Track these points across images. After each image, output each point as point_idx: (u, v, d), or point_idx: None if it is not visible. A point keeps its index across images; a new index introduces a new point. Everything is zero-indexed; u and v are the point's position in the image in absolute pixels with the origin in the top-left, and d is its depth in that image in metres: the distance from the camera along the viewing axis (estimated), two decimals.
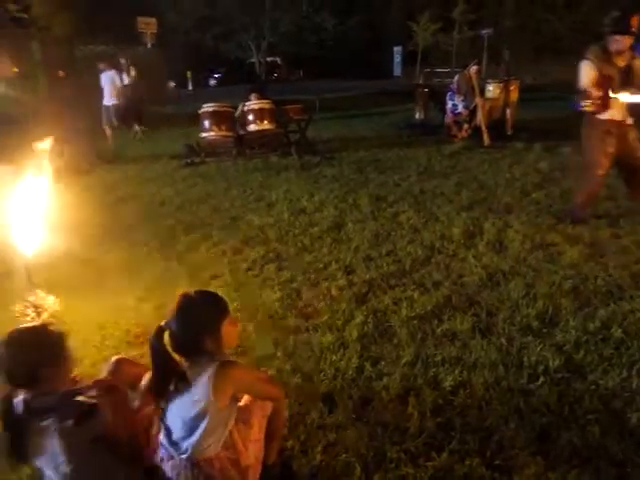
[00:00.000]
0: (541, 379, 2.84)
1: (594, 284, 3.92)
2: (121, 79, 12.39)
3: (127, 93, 12.45)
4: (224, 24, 21.79)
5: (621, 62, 4.72)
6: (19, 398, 1.93)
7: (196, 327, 2.00)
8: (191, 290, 2.08)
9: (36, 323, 2.44)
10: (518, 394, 2.74)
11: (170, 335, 1.99)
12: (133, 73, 12.87)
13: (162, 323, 2.00)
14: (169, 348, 2.00)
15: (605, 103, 4.79)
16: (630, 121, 4.95)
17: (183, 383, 1.97)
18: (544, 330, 3.32)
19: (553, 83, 23.50)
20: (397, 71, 35.64)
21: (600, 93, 4.71)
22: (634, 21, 4.59)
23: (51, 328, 2.06)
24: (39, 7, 9.06)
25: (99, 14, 19.08)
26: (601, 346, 3.12)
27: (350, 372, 2.97)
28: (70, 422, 1.90)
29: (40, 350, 1.96)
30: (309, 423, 2.60)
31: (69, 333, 2.10)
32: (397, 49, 35.79)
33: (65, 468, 1.91)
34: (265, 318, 3.65)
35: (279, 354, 3.18)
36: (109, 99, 12.18)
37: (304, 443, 2.48)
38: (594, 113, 4.85)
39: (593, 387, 2.76)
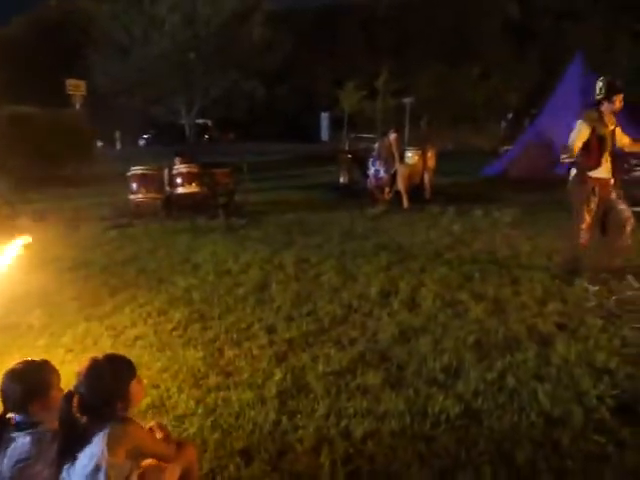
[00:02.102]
0: (442, 426, 3.10)
1: (495, 337, 4.29)
2: None
3: None
4: (154, 88, 22.16)
5: (611, 125, 5.37)
6: None
7: (106, 392, 2.10)
8: (99, 355, 2.19)
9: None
10: (421, 441, 2.98)
11: (79, 399, 2.08)
12: None
13: (71, 388, 2.12)
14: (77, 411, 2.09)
15: (598, 162, 5.37)
16: (612, 180, 5.53)
17: (85, 442, 2.07)
18: (448, 381, 3.61)
19: (469, 150, 25.15)
20: (324, 136, 37.04)
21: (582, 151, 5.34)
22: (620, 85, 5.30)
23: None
24: None
25: (29, 77, 19.08)
26: (496, 394, 3.43)
27: (267, 426, 3.14)
28: None
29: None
30: (226, 477, 2.73)
31: None
32: (324, 115, 37.33)
33: None
34: (188, 377, 3.76)
35: (200, 411, 3.30)
36: None
37: None
38: (582, 169, 5.44)
39: (487, 432, 3.05)
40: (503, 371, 3.70)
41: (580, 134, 5.39)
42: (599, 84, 5.40)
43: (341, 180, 13.33)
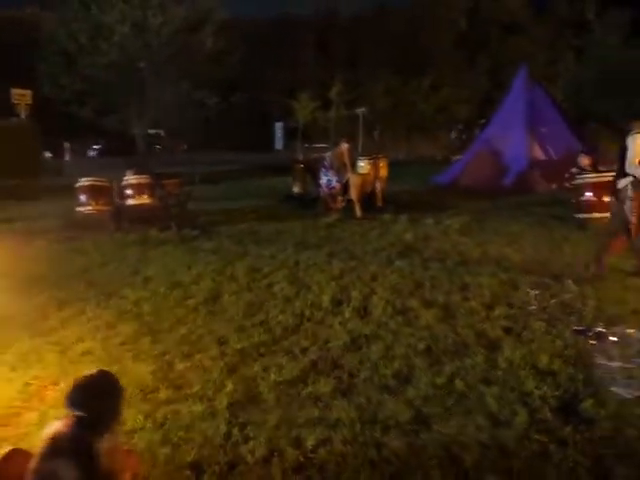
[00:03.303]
0: (393, 432, 3.14)
1: (444, 343, 4.37)
2: None
3: None
4: (104, 98, 21.75)
5: None
6: None
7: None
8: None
9: None
10: (372, 447, 3.01)
11: None
12: None
13: None
14: None
15: None
16: None
17: None
18: (398, 387, 3.66)
19: (421, 159, 25.63)
20: (279, 145, 37.14)
21: None
22: None
23: None
24: None
25: None
26: (446, 399, 3.50)
27: (218, 438, 3.11)
28: None
29: None
30: None
31: None
32: (278, 124, 37.45)
33: None
34: (137, 391, 3.69)
35: (149, 426, 3.24)
36: None
37: None
38: None
39: (436, 435, 3.11)
40: (452, 376, 3.78)
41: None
42: None
43: (294, 190, 13.37)
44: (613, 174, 9.14)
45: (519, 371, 3.81)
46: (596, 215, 8.78)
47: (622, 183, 5.93)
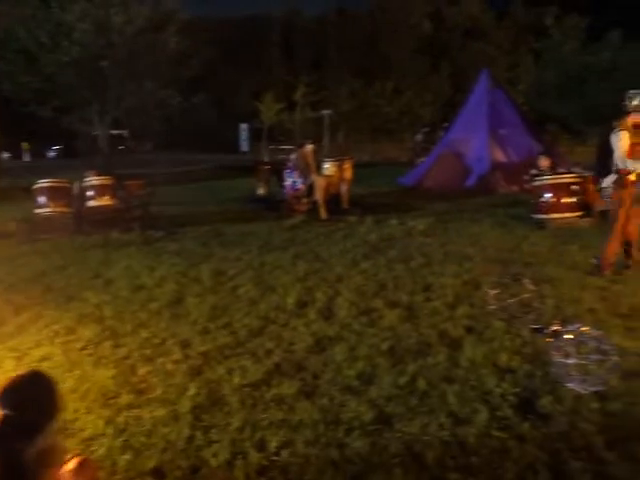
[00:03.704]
0: (356, 432, 3.16)
1: (407, 343, 4.42)
2: None
3: None
4: (64, 97, 21.26)
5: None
6: None
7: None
8: None
9: None
10: (335, 448, 3.02)
11: None
12: None
13: None
14: None
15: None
16: None
17: None
18: (362, 388, 3.69)
19: (386, 161, 25.84)
20: (244, 147, 36.94)
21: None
22: None
23: None
24: None
25: None
26: (408, 398, 3.54)
27: (181, 443, 3.08)
28: None
29: None
30: None
31: None
32: (244, 126, 37.25)
33: None
34: (98, 397, 3.63)
35: (109, 432, 3.19)
36: None
37: None
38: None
39: (399, 435, 3.14)
40: (415, 375, 3.82)
41: (624, 142, 5.86)
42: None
43: (259, 191, 13.33)
44: (573, 175, 9.44)
45: (480, 369, 3.88)
46: (554, 216, 9.02)
47: (607, 182, 6.11)
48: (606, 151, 6.10)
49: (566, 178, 9.36)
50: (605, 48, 23.72)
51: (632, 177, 5.89)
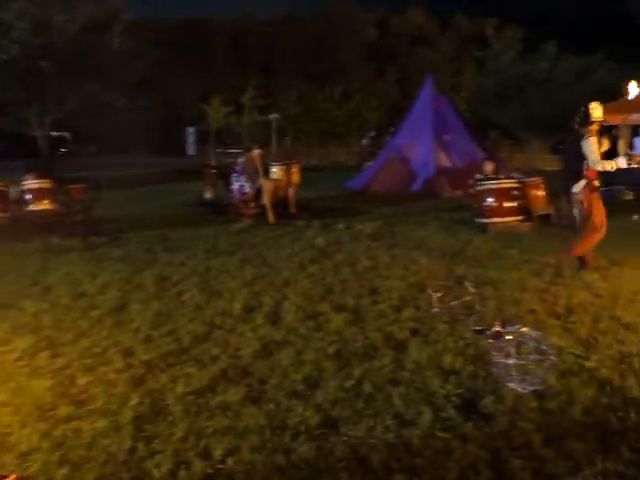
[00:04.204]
0: (302, 437, 3.15)
1: (354, 346, 4.44)
2: None
3: None
4: (0, 97, 20.44)
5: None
6: None
7: None
8: None
9: None
10: (281, 453, 3.00)
11: None
12: None
13: None
14: None
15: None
16: None
17: None
18: (308, 392, 3.68)
19: (334, 165, 26.01)
20: (191, 150, 36.43)
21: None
22: None
23: None
24: None
25: None
26: (354, 401, 3.55)
27: (122, 454, 2.99)
28: None
29: None
30: None
31: None
32: (191, 129, 36.74)
33: None
34: (33, 409, 3.49)
35: (45, 446, 3.07)
36: None
37: None
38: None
39: (345, 438, 3.14)
40: (361, 378, 3.84)
41: (596, 147, 6.26)
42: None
43: (206, 195, 13.16)
44: (513, 181, 9.75)
45: (425, 371, 3.94)
46: (496, 220, 9.29)
47: (577, 187, 6.39)
48: (576, 158, 6.41)
49: (507, 183, 9.65)
50: (541, 59, 24.62)
51: (597, 183, 6.40)
